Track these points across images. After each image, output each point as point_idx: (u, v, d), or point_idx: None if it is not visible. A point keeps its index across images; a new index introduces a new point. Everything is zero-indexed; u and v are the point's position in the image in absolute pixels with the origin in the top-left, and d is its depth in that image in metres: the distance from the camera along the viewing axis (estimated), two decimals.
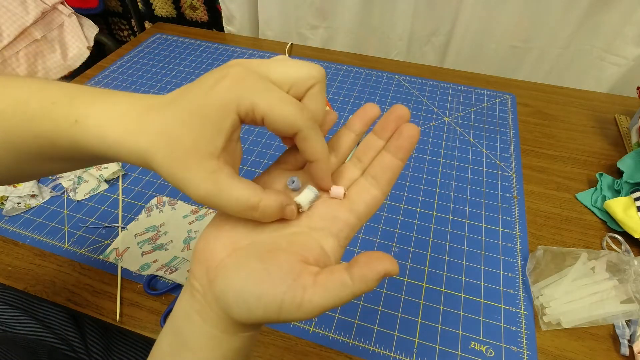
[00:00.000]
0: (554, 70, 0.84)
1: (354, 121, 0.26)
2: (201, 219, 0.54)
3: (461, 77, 0.82)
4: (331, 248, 0.23)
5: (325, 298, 0.20)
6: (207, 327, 0.22)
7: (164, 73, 0.82)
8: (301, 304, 0.20)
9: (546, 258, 0.48)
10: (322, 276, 0.20)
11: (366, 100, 0.76)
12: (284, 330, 0.43)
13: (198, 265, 0.23)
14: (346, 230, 0.24)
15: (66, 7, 1.01)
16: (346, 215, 0.24)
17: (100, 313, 0.44)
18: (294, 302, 0.20)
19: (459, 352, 0.42)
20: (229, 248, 0.22)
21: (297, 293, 0.20)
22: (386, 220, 0.55)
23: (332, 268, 0.21)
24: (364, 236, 0.52)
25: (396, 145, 0.24)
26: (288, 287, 0.20)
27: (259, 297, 0.20)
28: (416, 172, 0.61)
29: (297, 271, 0.20)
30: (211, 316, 0.22)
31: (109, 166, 0.59)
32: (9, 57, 0.93)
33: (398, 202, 0.57)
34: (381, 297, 0.46)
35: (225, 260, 0.22)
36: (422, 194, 0.58)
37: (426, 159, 0.63)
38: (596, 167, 0.63)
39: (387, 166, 0.24)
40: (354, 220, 0.24)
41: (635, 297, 0.43)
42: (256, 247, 0.22)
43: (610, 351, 0.43)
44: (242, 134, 0.74)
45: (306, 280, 0.20)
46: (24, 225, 0.53)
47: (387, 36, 0.90)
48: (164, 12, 1.08)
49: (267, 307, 0.20)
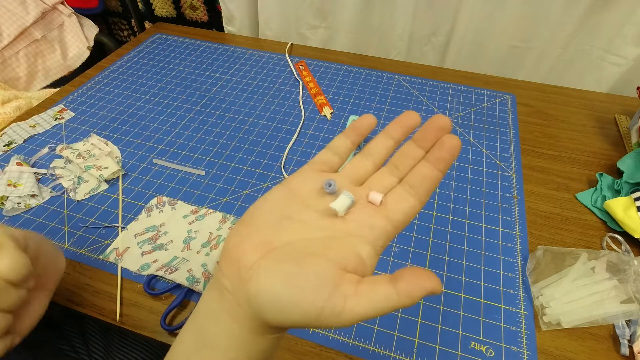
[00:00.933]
0: (554, 70, 0.84)
1: (393, 128, 0.26)
2: (201, 219, 0.54)
3: (461, 77, 0.82)
4: (367, 255, 0.22)
5: (367, 308, 0.20)
6: (235, 328, 0.22)
7: (164, 73, 0.82)
8: (341, 313, 0.19)
9: (546, 258, 0.48)
10: (364, 286, 0.20)
11: (366, 100, 0.76)
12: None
13: (229, 264, 0.22)
14: (383, 239, 0.23)
15: (66, 7, 1.01)
16: (383, 223, 0.23)
17: (100, 313, 0.44)
18: (334, 310, 0.19)
19: (459, 352, 0.42)
20: (263, 249, 0.22)
21: (338, 301, 0.20)
22: None
23: (375, 279, 0.21)
24: None
25: (437, 156, 0.24)
26: (329, 295, 0.20)
27: (296, 303, 0.20)
28: None
29: (338, 279, 0.20)
30: (241, 316, 0.22)
31: (109, 166, 0.59)
32: (9, 57, 0.93)
33: None
34: None
35: (259, 262, 0.21)
36: None
37: None
38: (596, 167, 0.63)
39: (426, 176, 0.24)
40: (390, 229, 0.23)
41: (635, 297, 0.43)
42: (291, 250, 0.22)
43: (610, 351, 0.43)
44: (242, 133, 0.74)
45: (347, 289, 0.20)
46: (24, 225, 0.53)
47: (387, 36, 0.90)
48: (164, 12, 1.08)
49: (305, 314, 0.20)
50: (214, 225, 0.53)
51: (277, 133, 0.68)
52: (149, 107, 0.73)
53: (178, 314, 0.45)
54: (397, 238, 0.52)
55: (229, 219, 0.54)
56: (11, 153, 0.63)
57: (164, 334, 0.43)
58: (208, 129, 0.69)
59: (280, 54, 0.89)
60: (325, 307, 0.19)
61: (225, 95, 0.77)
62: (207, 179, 0.60)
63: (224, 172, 0.61)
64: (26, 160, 0.61)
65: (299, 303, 0.20)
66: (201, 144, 0.66)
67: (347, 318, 0.20)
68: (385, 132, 0.26)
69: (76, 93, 0.76)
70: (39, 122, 0.69)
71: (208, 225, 0.53)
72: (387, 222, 0.23)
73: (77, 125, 0.69)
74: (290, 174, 0.61)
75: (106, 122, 0.70)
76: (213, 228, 0.53)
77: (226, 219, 0.54)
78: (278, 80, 0.81)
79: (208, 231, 0.53)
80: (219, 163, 0.63)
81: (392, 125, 0.26)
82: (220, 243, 0.50)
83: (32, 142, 0.65)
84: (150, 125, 0.70)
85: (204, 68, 0.84)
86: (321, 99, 0.75)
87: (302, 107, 0.74)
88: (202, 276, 0.46)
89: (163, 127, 0.69)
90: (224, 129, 0.69)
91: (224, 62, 0.86)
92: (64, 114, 0.71)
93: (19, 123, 0.68)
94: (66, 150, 0.62)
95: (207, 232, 0.53)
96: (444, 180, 0.60)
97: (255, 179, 0.60)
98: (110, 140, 0.66)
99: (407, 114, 0.26)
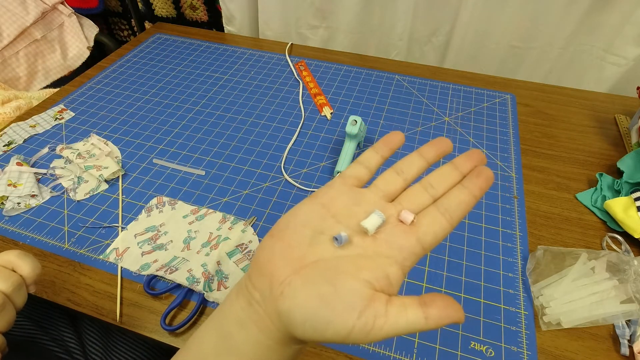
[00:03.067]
0: (554, 70, 0.84)
1: (427, 150, 0.27)
2: (201, 219, 0.54)
3: (461, 77, 0.82)
4: (395, 276, 0.23)
5: (395, 329, 0.20)
6: (262, 338, 0.23)
7: (164, 73, 0.82)
8: (370, 331, 0.20)
9: (546, 258, 0.48)
10: (394, 308, 0.21)
11: (366, 100, 0.76)
12: None
13: (261, 277, 0.23)
14: (411, 259, 0.23)
15: (66, 7, 1.01)
16: (413, 244, 0.23)
17: (101, 313, 0.44)
18: (364, 329, 0.20)
19: (459, 352, 0.42)
20: (295, 264, 0.23)
21: (368, 320, 0.20)
22: None
23: (404, 301, 0.21)
24: None
25: (475, 183, 0.24)
26: (360, 314, 0.20)
27: (329, 322, 0.21)
28: None
29: (369, 299, 0.21)
30: (270, 328, 0.22)
31: (109, 166, 0.59)
32: (9, 57, 0.93)
33: None
34: None
35: (291, 277, 0.22)
36: None
37: None
38: (596, 167, 0.63)
39: (463, 201, 0.24)
40: (419, 250, 0.23)
41: (635, 297, 0.43)
42: (322, 267, 0.22)
43: (610, 351, 0.43)
44: (242, 133, 0.74)
45: (378, 309, 0.21)
46: (24, 225, 0.53)
47: (387, 36, 0.90)
48: (164, 12, 1.08)
49: (336, 332, 0.20)
50: (213, 226, 0.53)
51: (277, 133, 0.68)
52: (149, 107, 0.73)
53: (178, 314, 0.45)
54: None
55: (229, 219, 0.54)
56: (11, 153, 0.63)
57: (164, 334, 0.43)
58: (208, 129, 0.69)
59: (280, 54, 0.89)
60: (356, 326, 0.20)
61: (225, 95, 0.77)
62: (207, 179, 0.60)
63: (224, 172, 0.61)
64: (26, 160, 0.61)
65: (333, 323, 0.21)
66: (201, 144, 0.66)
67: (375, 336, 0.20)
68: (419, 153, 0.27)
69: (76, 93, 0.76)
70: (39, 122, 0.69)
71: (208, 226, 0.53)
72: (417, 243, 0.23)
73: (77, 125, 0.69)
74: (290, 174, 0.61)
75: (106, 122, 0.70)
76: (213, 228, 0.53)
77: (226, 219, 0.54)
78: (278, 80, 0.81)
79: (208, 231, 0.53)
80: (219, 163, 0.63)
81: (426, 147, 0.27)
82: (220, 243, 0.50)
83: (32, 142, 0.65)
84: (150, 125, 0.70)
85: (204, 68, 0.84)
86: (321, 99, 0.75)
87: (302, 107, 0.74)
88: (202, 276, 0.46)
89: (163, 127, 0.69)
90: (224, 129, 0.69)
91: (224, 62, 0.86)
92: (64, 114, 0.71)
93: (19, 123, 0.68)
94: (66, 150, 0.62)
95: (207, 232, 0.53)
96: None
97: (255, 179, 0.60)
98: (110, 140, 0.66)
99: (441, 139, 0.27)
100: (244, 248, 0.51)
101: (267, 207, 0.56)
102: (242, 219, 0.54)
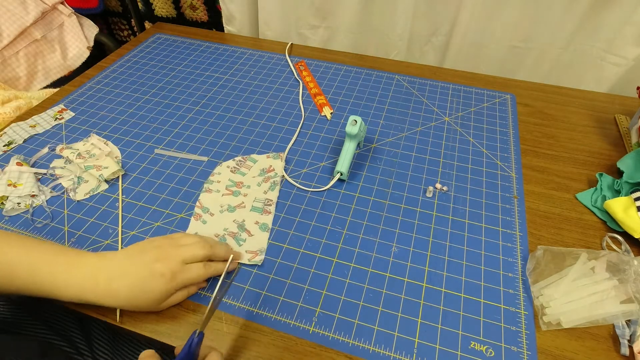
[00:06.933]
0: (554, 70, 0.84)
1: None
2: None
3: (461, 77, 0.82)
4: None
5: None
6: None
7: (164, 73, 0.82)
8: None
9: (546, 258, 0.48)
10: None
11: (366, 100, 0.76)
12: (284, 330, 0.43)
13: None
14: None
15: (66, 7, 1.01)
16: None
17: (102, 314, 0.44)
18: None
19: (459, 352, 0.42)
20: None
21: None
22: (386, 220, 0.55)
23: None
24: (363, 236, 0.52)
25: None
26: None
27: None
28: (416, 172, 0.61)
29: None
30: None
31: (109, 166, 0.59)
32: (9, 57, 0.93)
33: (398, 202, 0.57)
34: (381, 297, 0.46)
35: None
36: (422, 194, 0.58)
37: (426, 159, 0.63)
38: (596, 167, 0.63)
39: None
40: None
41: (635, 297, 0.43)
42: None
43: (610, 351, 0.43)
44: (242, 133, 0.74)
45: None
46: (24, 225, 0.53)
47: (387, 36, 0.90)
48: (164, 12, 1.08)
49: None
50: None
51: (277, 133, 0.68)
52: (149, 107, 0.73)
53: (178, 313, 0.45)
54: (397, 238, 0.52)
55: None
56: (11, 153, 0.63)
57: (164, 334, 0.43)
58: (208, 129, 0.69)
59: (280, 54, 0.89)
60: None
61: (225, 95, 0.77)
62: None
63: None
64: (26, 160, 0.61)
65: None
66: (201, 143, 0.66)
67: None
68: None
69: (76, 93, 0.76)
70: (39, 122, 0.69)
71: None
72: None
73: (77, 125, 0.69)
74: (290, 173, 0.61)
75: (106, 122, 0.70)
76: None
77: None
78: (278, 80, 0.81)
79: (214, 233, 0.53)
80: (219, 163, 0.63)
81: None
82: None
83: (32, 142, 0.65)
84: (150, 125, 0.70)
85: (204, 68, 0.84)
86: (321, 99, 0.75)
87: (302, 107, 0.74)
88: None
89: (163, 127, 0.69)
90: (223, 129, 0.69)
91: (224, 62, 0.86)
92: (64, 114, 0.71)
93: (19, 123, 0.68)
94: (66, 150, 0.62)
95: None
96: (444, 180, 0.60)
97: None
98: (110, 140, 0.66)
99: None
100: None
101: None
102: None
